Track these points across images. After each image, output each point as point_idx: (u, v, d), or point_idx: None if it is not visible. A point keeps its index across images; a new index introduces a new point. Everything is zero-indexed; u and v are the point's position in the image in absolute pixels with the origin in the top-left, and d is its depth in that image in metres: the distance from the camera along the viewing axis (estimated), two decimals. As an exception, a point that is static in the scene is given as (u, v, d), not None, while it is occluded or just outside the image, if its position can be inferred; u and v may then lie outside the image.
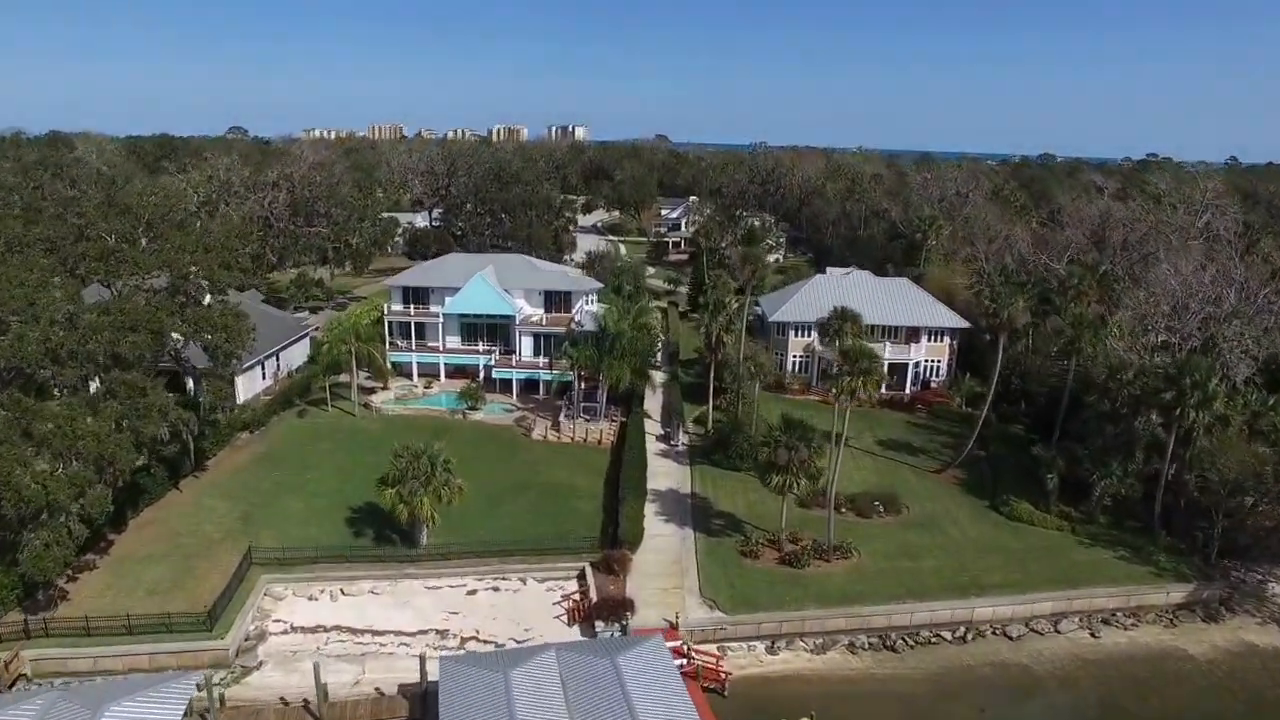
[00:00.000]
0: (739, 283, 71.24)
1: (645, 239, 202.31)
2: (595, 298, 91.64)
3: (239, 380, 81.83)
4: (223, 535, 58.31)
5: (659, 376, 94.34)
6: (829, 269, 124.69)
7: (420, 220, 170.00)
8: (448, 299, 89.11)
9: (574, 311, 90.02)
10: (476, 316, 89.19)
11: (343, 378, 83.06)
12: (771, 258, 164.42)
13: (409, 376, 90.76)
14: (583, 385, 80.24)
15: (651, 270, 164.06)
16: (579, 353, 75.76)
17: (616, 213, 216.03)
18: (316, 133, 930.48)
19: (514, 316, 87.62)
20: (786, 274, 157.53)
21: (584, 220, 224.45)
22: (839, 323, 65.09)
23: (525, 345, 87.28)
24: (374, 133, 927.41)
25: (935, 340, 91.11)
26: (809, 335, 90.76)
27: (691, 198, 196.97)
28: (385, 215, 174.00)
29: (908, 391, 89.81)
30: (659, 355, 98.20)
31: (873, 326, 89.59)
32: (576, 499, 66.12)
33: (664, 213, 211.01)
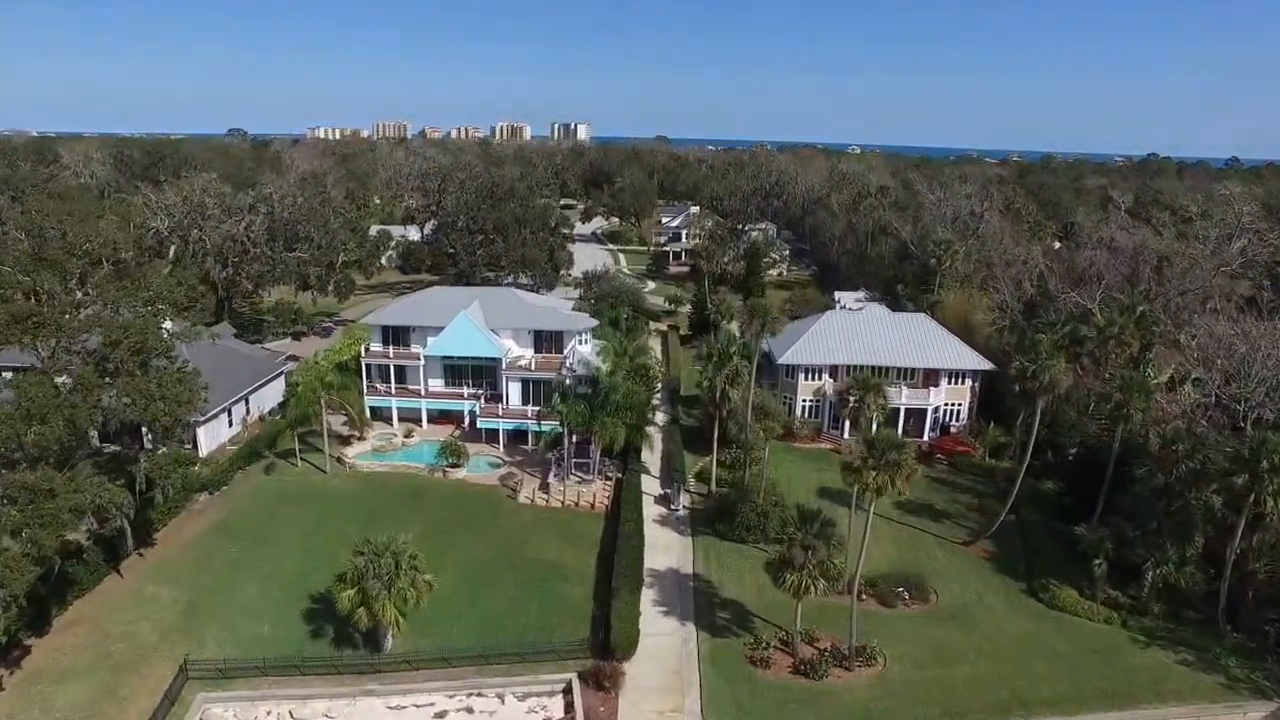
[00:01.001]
0: (744, 336, 62.74)
1: (646, 248, 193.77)
2: (589, 337, 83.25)
3: (201, 432, 73.78)
4: (160, 637, 50.18)
5: (659, 418, 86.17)
6: (839, 294, 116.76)
7: (414, 233, 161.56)
8: (430, 339, 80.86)
9: (566, 352, 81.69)
10: (461, 358, 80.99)
11: (317, 425, 74.96)
12: (774, 271, 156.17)
13: (389, 421, 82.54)
14: (574, 440, 71.89)
15: (651, 285, 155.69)
16: (569, 409, 67.42)
17: (616, 220, 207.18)
18: (320, 131, 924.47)
19: (501, 359, 79.33)
20: (792, 290, 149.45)
21: (584, 228, 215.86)
22: (860, 396, 56.43)
23: (513, 391, 78.97)
24: (379, 130, 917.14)
25: (956, 382, 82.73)
26: (820, 378, 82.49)
27: (693, 208, 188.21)
28: (378, 228, 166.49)
29: (926, 438, 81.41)
30: (658, 391, 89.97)
31: (888, 368, 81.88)
32: (565, 582, 57.89)
33: (664, 220, 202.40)
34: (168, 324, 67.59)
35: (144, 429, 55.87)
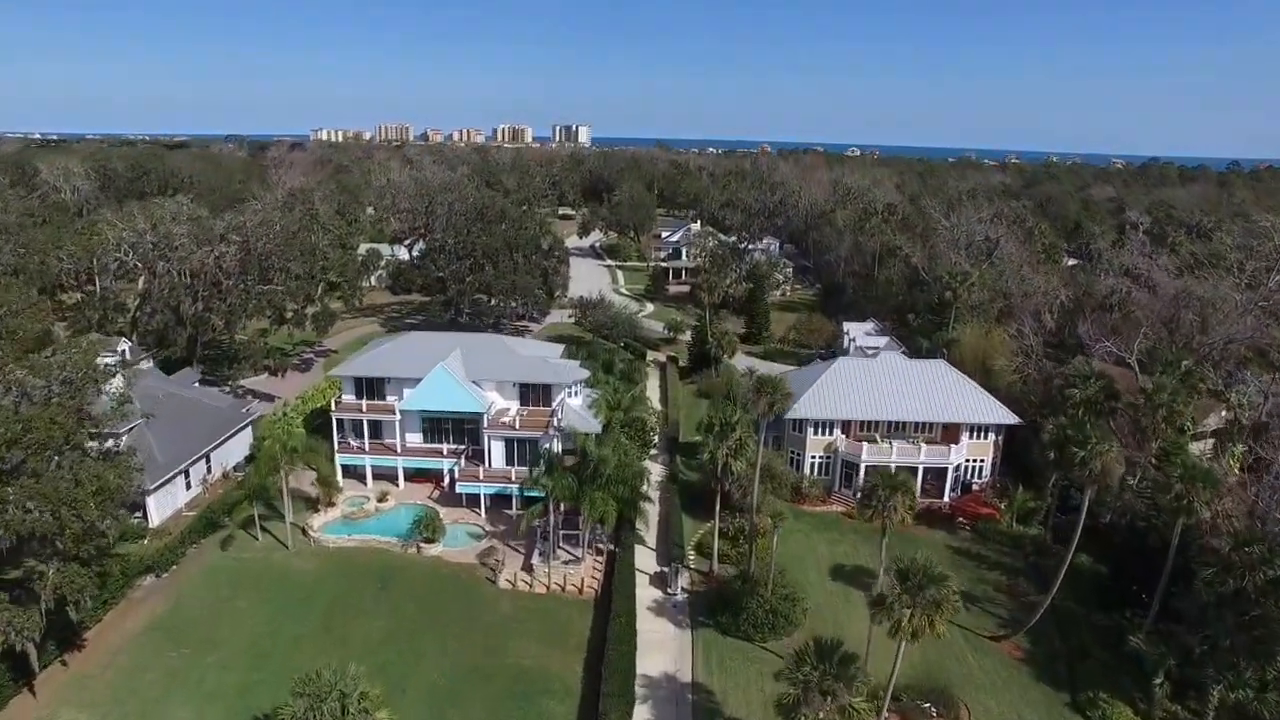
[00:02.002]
0: (753, 415, 54.49)
1: (645, 263, 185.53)
2: (579, 389, 75.24)
3: (151, 501, 65.89)
4: (71, 782, 42.32)
5: (656, 470, 78.28)
6: (847, 326, 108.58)
7: (404, 252, 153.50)
8: (406, 391, 72.87)
9: (554, 405, 73.62)
10: (440, 413, 73.01)
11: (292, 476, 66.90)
12: (776, 292, 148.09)
13: (362, 479, 74.59)
14: (561, 509, 63.83)
15: (649, 308, 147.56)
16: (555, 482, 59.34)
17: (615, 234, 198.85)
18: (323, 133, 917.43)
19: (483, 414, 71.28)
20: (797, 313, 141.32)
21: (582, 242, 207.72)
22: (886, 495, 48.08)
23: (495, 451, 70.91)
24: (380, 133, 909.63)
25: (979, 437, 74.66)
26: (831, 433, 74.45)
27: (693, 225, 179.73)
28: (368, 247, 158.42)
29: (946, 499, 73.40)
30: (655, 440, 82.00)
31: (904, 423, 73.89)
32: (548, 696, 49.88)
33: (664, 235, 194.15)
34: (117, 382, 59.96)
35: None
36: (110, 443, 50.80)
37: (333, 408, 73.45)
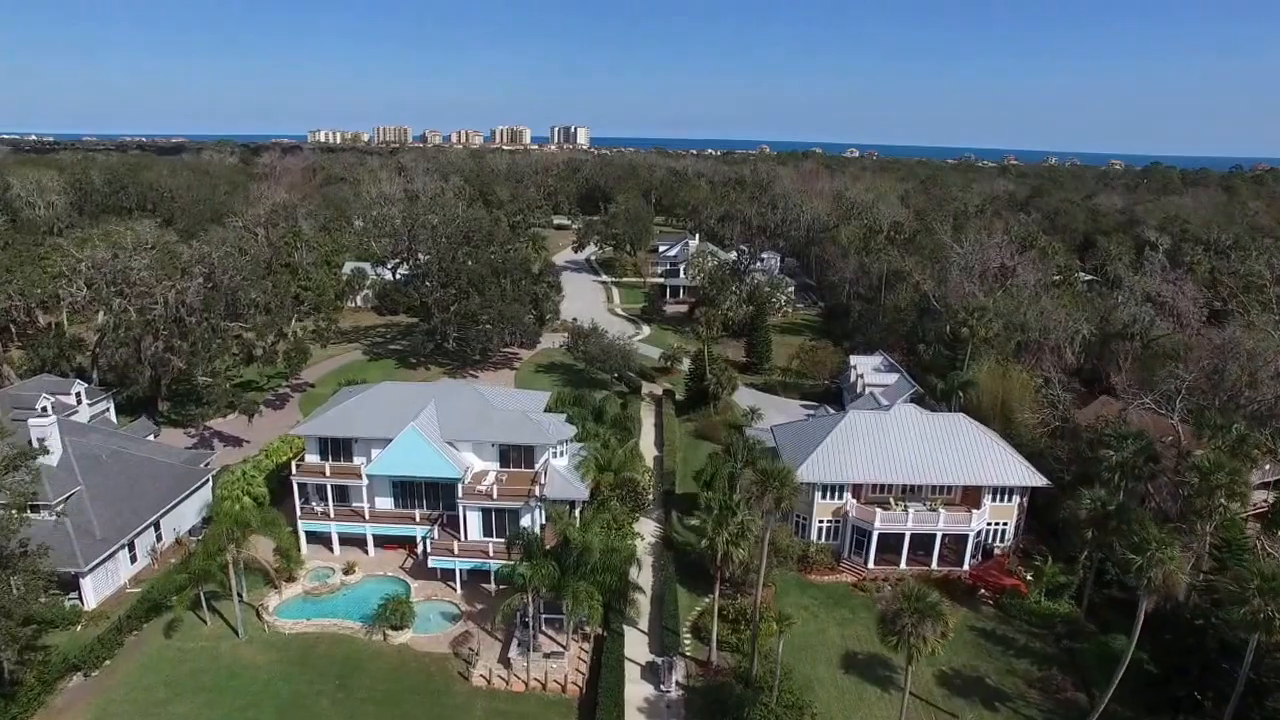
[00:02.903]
0: (764, 506, 47.55)
1: (641, 280, 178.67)
2: (564, 449, 68.41)
3: (87, 582, 59.12)
4: None
5: (650, 527, 71.71)
6: (854, 360, 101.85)
7: (389, 273, 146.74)
8: (374, 452, 66.09)
9: (538, 466, 66.82)
10: (411, 478, 66.25)
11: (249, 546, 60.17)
12: (778, 314, 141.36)
13: (329, 545, 67.84)
14: (544, 594, 57.00)
15: (645, 331, 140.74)
16: (535, 571, 52.51)
17: (611, 248, 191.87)
18: (321, 135, 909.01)
19: (459, 479, 64.46)
20: (800, 336, 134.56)
21: (577, 256, 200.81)
22: (914, 623, 40.53)
23: (472, 522, 64.12)
24: (379, 135, 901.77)
25: (1003, 499, 67.93)
26: (841, 496, 67.71)
27: (691, 242, 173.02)
28: (353, 265, 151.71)
29: (966, 567, 66.69)
30: (650, 490, 75.20)
31: (921, 486, 67.24)
32: (520, 835, 43.20)
33: (661, 249, 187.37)
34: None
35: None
36: (16, 541, 43.90)
37: (294, 470, 66.53)
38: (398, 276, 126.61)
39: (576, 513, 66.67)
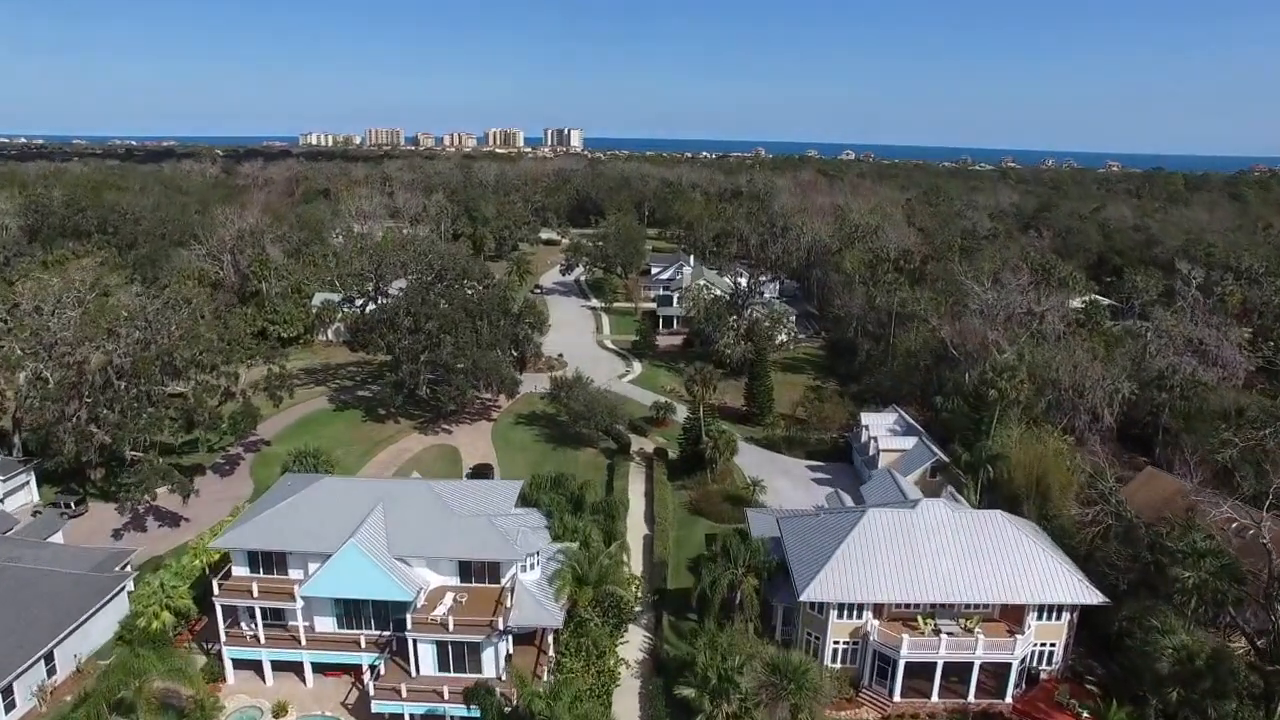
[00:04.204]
0: (777, 716, 37.09)
1: (633, 306, 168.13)
2: (537, 561, 57.87)
3: (-47, 745, 48.42)
4: None
5: (635, 642, 61.32)
6: (865, 418, 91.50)
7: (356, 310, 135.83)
8: (312, 566, 55.58)
9: (504, 582, 56.30)
10: (353, 601, 55.77)
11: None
12: (780, 338, 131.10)
13: (260, 671, 57.29)
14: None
15: (636, 369, 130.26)
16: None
17: (601, 271, 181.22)
18: (313, 137, 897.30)
19: (410, 600, 53.95)
20: (803, 375, 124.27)
21: (566, 278, 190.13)
22: None
23: (424, 655, 53.57)
24: (371, 137, 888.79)
25: (1050, 618, 57.60)
26: (859, 616, 57.29)
27: (685, 269, 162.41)
28: (323, 297, 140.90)
29: (1009, 699, 56.34)
30: (638, 596, 64.75)
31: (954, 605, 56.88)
32: None
33: (654, 270, 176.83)
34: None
35: None
36: None
37: (215, 589, 55.86)
38: (366, 313, 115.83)
39: (550, 638, 56.46)
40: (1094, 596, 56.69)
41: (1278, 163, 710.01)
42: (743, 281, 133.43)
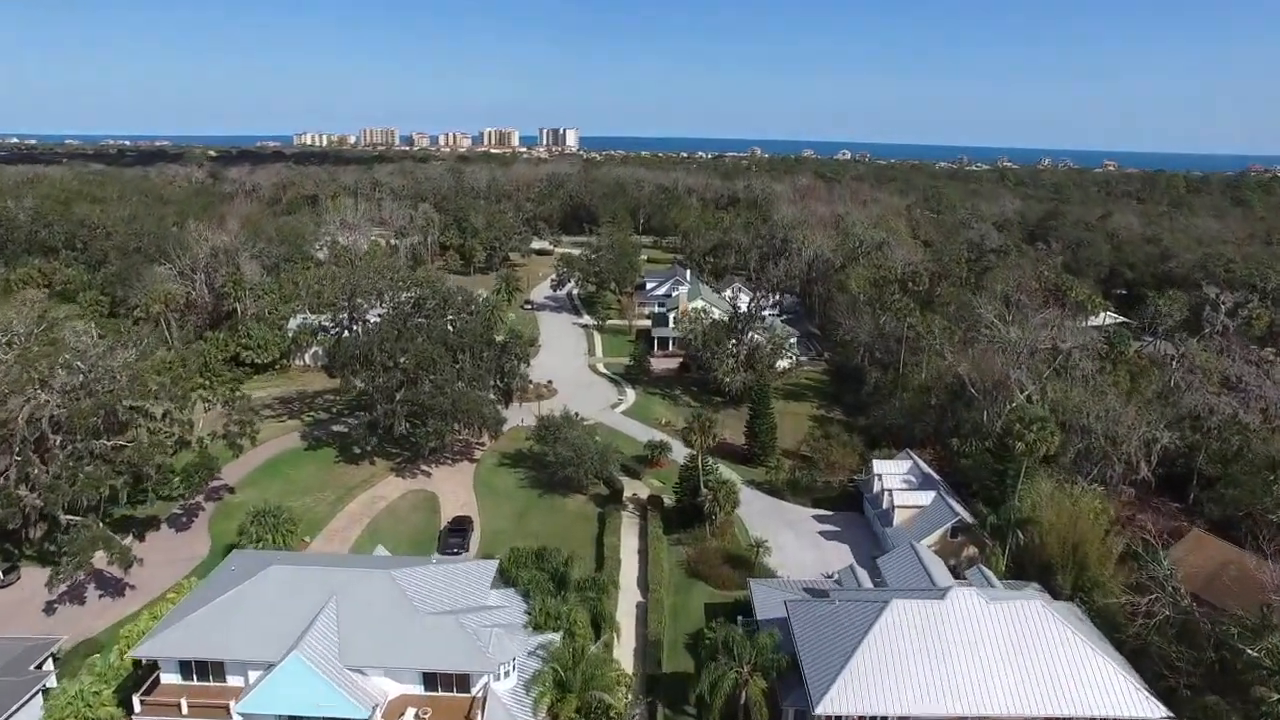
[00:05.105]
0: None
1: (627, 325, 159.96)
2: (513, 668, 49.94)
3: None
4: None
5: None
6: (877, 465, 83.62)
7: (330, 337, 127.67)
8: (253, 674, 47.64)
9: (475, 692, 48.42)
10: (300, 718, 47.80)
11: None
12: (781, 364, 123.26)
13: (196, 792, 49.36)
14: None
15: (630, 398, 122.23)
16: None
17: (593, 288, 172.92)
18: (307, 137, 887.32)
19: (365, 719, 46.03)
20: (805, 400, 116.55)
21: (558, 293, 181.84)
22: None
23: (379, 789, 45.70)
24: (366, 137, 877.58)
25: (1100, 729, 49.86)
26: (884, 729, 49.41)
27: (682, 287, 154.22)
28: (300, 319, 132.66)
29: (1057, 827, 48.65)
30: (628, 706, 56.82)
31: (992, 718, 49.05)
32: None
33: (649, 286, 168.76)
34: None
35: None
36: None
37: (138, 707, 47.80)
38: (341, 341, 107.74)
39: (527, 760, 48.59)
40: (1156, 710, 48.93)
41: (1273, 162, 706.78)
42: (742, 305, 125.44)
